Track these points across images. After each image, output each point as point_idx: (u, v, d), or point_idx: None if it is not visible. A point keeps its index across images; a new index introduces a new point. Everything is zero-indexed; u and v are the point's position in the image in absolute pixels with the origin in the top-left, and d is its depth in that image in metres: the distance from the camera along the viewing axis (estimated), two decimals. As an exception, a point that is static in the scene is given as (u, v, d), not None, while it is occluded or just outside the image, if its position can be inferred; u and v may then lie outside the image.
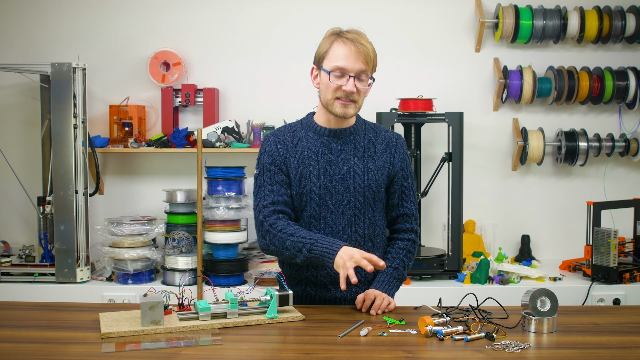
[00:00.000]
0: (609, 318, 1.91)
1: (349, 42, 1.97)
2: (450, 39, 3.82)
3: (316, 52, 2.05)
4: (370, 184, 2.05)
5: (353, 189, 2.05)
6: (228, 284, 3.33)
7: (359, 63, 1.97)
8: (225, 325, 1.78)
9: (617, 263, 3.28)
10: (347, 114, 2.01)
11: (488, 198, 3.85)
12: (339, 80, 1.99)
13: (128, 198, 3.82)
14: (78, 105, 3.31)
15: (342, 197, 2.04)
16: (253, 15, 3.80)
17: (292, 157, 2.06)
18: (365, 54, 1.98)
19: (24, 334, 1.73)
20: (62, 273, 3.28)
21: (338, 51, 1.98)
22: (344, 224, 2.05)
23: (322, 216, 2.05)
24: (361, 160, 2.06)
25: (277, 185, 2.04)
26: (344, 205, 2.05)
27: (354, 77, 1.98)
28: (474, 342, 1.66)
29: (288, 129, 2.13)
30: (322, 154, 2.06)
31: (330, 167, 2.05)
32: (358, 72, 1.98)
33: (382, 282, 2.04)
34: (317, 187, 2.04)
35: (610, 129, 3.82)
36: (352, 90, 1.98)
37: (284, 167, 2.06)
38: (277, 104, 3.75)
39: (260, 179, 2.07)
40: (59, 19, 3.78)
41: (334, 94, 2.00)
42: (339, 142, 2.08)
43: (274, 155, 2.07)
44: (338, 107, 2.01)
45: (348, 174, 2.05)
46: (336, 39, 2.00)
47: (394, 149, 2.12)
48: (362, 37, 2.01)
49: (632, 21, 3.67)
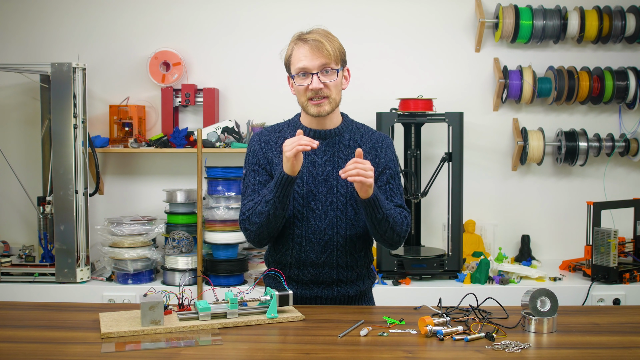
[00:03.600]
0: (609, 318, 1.91)
1: (305, 42, 2.01)
2: (450, 39, 3.82)
3: (284, 62, 2.10)
4: (353, 186, 2.04)
5: (336, 190, 2.06)
6: (228, 284, 3.33)
7: (318, 58, 1.99)
8: (225, 325, 1.78)
9: (617, 263, 3.28)
10: (321, 112, 2.03)
11: (488, 198, 3.85)
12: (304, 80, 2.02)
13: (128, 198, 3.82)
14: (78, 105, 3.31)
15: (324, 198, 2.06)
16: (253, 15, 3.80)
17: (275, 157, 2.09)
18: (322, 49, 1.99)
19: (24, 334, 1.73)
20: (62, 273, 3.28)
21: (298, 53, 2.02)
22: (325, 225, 2.06)
23: (305, 216, 2.06)
24: (345, 161, 2.06)
25: (259, 185, 2.07)
26: (327, 206, 2.06)
27: (317, 73, 1.99)
28: (474, 342, 1.66)
29: (275, 128, 2.16)
30: (305, 154, 2.07)
31: (313, 168, 2.06)
32: (320, 67, 2.00)
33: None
34: (300, 187, 2.05)
35: (610, 129, 3.82)
36: (318, 86, 2.00)
37: (267, 166, 2.09)
38: (277, 104, 3.74)
39: (247, 179, 2.11)
40: (59, 19, 3.78)
41: (305, 95, 2.04)
42: (323, 143, 2.10)
43: (258, 155, 2.10)
44: (312, 108, 2.04)
45: (331, 175, 2.06)
46: (295, 42, 2.04)
47: (380, 149, 2.12)
48: (320, 34, 2.03)
49: (632, 21, 3.67)
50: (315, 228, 2.06)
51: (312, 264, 2.07)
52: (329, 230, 2.06)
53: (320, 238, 2.06)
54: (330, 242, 2.07)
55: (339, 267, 2.09)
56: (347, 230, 2.08)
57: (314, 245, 2.06)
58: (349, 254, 2.10)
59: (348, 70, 2.12)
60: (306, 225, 2.06)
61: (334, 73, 2.02)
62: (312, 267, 2.07)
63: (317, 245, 2.06)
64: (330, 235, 2.07)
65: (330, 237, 2.06)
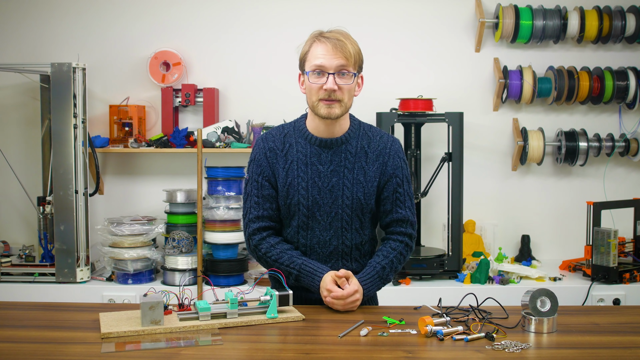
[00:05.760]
0: (609, 318, 1.90)
1: (327, 40, 1.95)
2: (450, 38, 3.82)
3: (299, 58, 2.04)
4: (358, 197, 2.03)
5: (341, 201, 2.03)
6: (228, 284, 3.33)
7: (337, 59, 1.93)
8: (225, 325, 1.78)
9: (617, 263, 3.28)
10: (331, 114, 1.97)
11: (488, 198, 3.85)
12: (319, 79, 1.95)
13: (128, 198, 3.82)
14: (78, 105, 3.31)
15: (329, 209, 2.03)
16: (253, 15, 3.80)
17: (281, 167, 2.05)
18: (344, 49, 1.94)
19: (24, 334, 1.73)
20: (62, 273, 3.28)
21: (316, 51, 1.96)
22: (331, 235, 2.05)
23: (310, 227, 2.05)
24: (351, 171, 2.03)
25: (262, 199, 2.05)
26: (332, 217, 2.04)
27: (334, 74, 1.94)
28: (474, 342, 1.66)
29: (280, 132, 2.09)
30: (311, 165, 2.03)
31: (319, 179, 2.03)
32: (338, 68, 1.94)
33: (365, 276, 2.01)
34: (305, 199, 2.03)
35: (610, 129, 3.82)
36: (333, 87, 1.94)
37: (272, 178, 2.05)
38: (277, 104, 3.75)
39: (249, 188, 2.08)
40: (59, 19, 3.78)
41: (317, 95, 1.97)
42: (330, 152, 2.04)
43: (263, 165, 2.06)
44: (322, 108, 1.97)
45: (337, 186, 2.03)
46: (315, 39, 1.98)
47: (387, 156, 2.06)
48: (342, 34, 1.98)
49: (632, 21, 3.67)
50: (320, 238, 2.05)
51: None
52: (334, 241, 2.05)
53: (325, 248, 2.05)
54: (336, 251, 2.06)
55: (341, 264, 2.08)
56: (352, 239, 2.07)
57: (318, 254, 2.06)
58: (355, 260, 2.09)
59: (362, 77, 2.05)
60: (311, 236, 2.05)
61: (350, 77, 1.96)
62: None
63: (322, 254, 2.06)
64: (336, 245, 2.05)
65: (335, 247, 2.05)
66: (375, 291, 2.06)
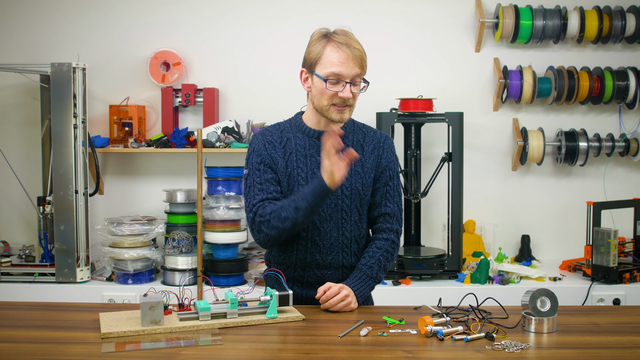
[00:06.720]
0: (609, 318, 1.91)
1: (343, 46, 1.95)
2: (450, 38, 3.82)
3: (306, 56, 2.02)
4: (357, 187, 2.06)
5: (340, 192, 2.05)
6: (228, 284, 3.33)
7: (355, 68, 1.96)
8: (225, 325, 1.78)
9: (617, 263, 3.28)
10: (343, 118, 2.02)
11: (488, 198, 3.85)
12: (335, 87, 1.96)
13: (128, 198, 3.82)
14: (78, 105, 3.31)
15: (329, 200, 2.04)
16: (253, 15, 3.80)
17: (280, 157, 2.06)
18: (360, 58, 1.96)
19: (24, 334, 1.73)
20: (62, 273, 3.28)
21: (332, 57, 1.95)
22: (331, 227, 2.06)
23: None
24: (349, 163, 2.05)
25: (266, 184, 2.03)
26: (332, 208, 2.05)
27: (350, 83, 1.96)
28: (474, 342, 1.66)
29: (276, 128, 2.12)
30: (310, 156, 2.06)
31: (318, 170, 2.03)
32: (354, 77, 1.97)
33: (354, 279, 2.03)
34: None
35: (610, 129, 3.82)
36: (349, 96, 1.97)
37: (273, 165, 2.06)
38: (277, 104, 3.75)
39: (250, 179, 2.06)
40: (59, 19, 3.78)
41: (330, 100, 1.98)
42: None
43: (263, 154, 2.06)
44: (334, 114, 2.00)
45: None
46: (328, 42, 1.97)
47: (382, 149, 2.12)
48: (352, 38, 1.98)
49: (632, 21, 3.67)
50: (321, 230, 2.05)
51: (317, 265, 2.07)
52: (334, 232, 2.06)
53: (325, 240, 2.06)
54: (336, 243, 2.07)
55: (344, 268, 2.09)
56: (352, 231, 2.08)
57: (319, 247, 2.06)
58: (354, 254, 2.10)
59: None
60: (312, 228, 2.05)
61: (361, 84, 2.01)
62: (317, 268, 2.07)
63: (323, 247, 2.06)
64: (336, 237, 2.06)
65: (335, 239, 2.06)
66: (369, 291, 2.06)
